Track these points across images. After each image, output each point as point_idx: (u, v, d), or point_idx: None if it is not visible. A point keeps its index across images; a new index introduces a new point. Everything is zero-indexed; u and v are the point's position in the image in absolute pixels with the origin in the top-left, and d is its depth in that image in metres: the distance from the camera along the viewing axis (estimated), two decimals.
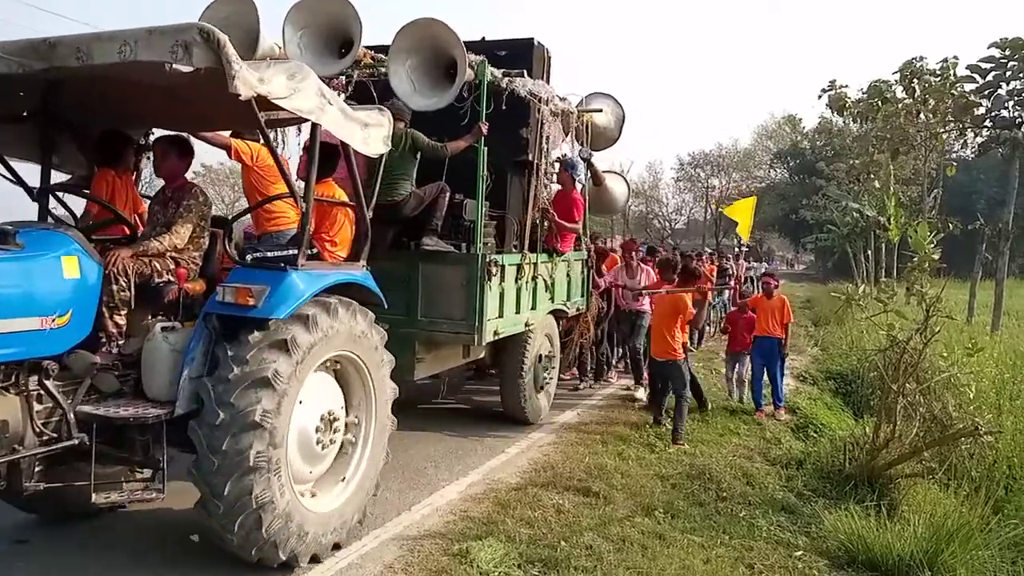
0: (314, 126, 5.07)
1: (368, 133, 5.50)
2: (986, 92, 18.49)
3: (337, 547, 5.28)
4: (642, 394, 11.01)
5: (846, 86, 24.43)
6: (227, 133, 6.72)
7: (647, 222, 71.00)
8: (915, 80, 21.84)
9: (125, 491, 4.55)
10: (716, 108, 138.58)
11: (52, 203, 5.69)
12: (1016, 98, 17.93)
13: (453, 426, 9.02)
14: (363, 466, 5.60)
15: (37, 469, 4.33)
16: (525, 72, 8.23)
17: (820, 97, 24.63)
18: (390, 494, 6.53)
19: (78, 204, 5.96)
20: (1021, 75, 17.64)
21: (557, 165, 9.65)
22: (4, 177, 5.53)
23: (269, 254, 5.31)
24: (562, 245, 9.60)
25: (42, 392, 4.33)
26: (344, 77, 8.20)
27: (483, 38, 8.69)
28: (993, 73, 17.91)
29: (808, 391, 12.49)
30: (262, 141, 5.59)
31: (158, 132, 6.24)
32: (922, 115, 22.29)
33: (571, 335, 10.86)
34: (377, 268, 7.32)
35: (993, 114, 18.62)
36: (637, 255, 11.65)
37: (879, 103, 23.23)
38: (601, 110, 10.64)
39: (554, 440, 8.70)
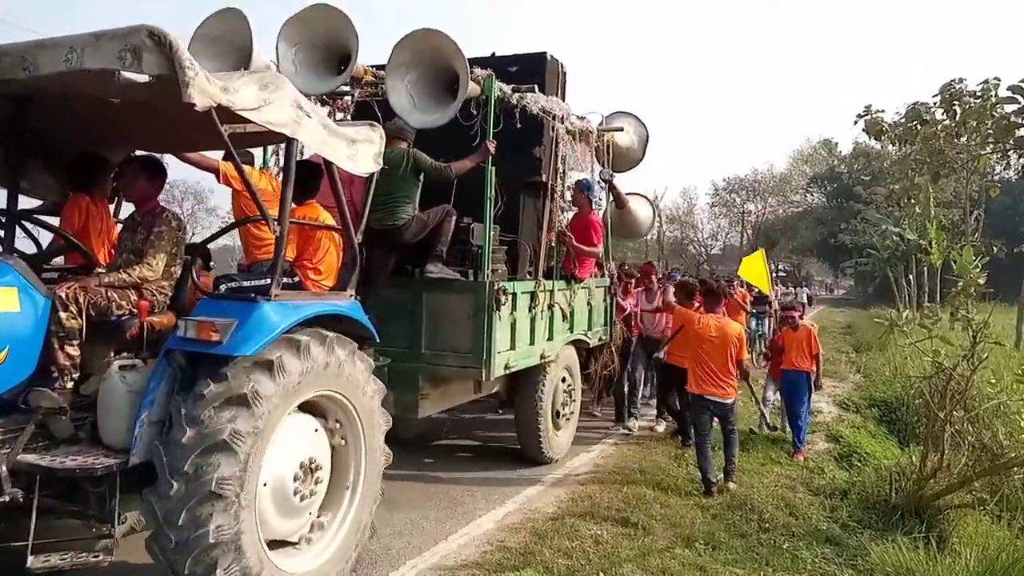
0: (290, 141, 4.62)
1: (356, 150, 5.05)
2: None
3: None
4: (663, 428, 10.47)
5: (882, 111, 23.99)
6: (220, 155, 6.30)
7: (682, 248, 70.34)
8: (955, 102, 21.29)
9: (68, 554, 4.03)
10: (751, 133, 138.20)
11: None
12: None
13: (488, 455, 8.94)
14: (352, 512, 5.13)
15: None
16: (536, 87, 7.76)
17: (856, 123, 24.24)
18: (427, 523, 6.55)
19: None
20: None
21: (572, 186, 9.06)
22: None
23: (245, 283, 4.85)
24: (580, 271, 9.00)
25: None
26: (348, 97, 7.83)
27: (493, 53, 8.23)
28: None
29: (851, 419, 12.18)
30: (236, 159, 4.83)
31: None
32: (963, 138, 21.73)
33: (594, 367, 10.26)
34: (378, 297, 6.92)
35: None
36: (656, 277, 11.10)
37: (918, 126, 22.73)
38: (622, 129, 10.12)
39: (591, 470, 8.51)
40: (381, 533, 6.17)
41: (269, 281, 4.60)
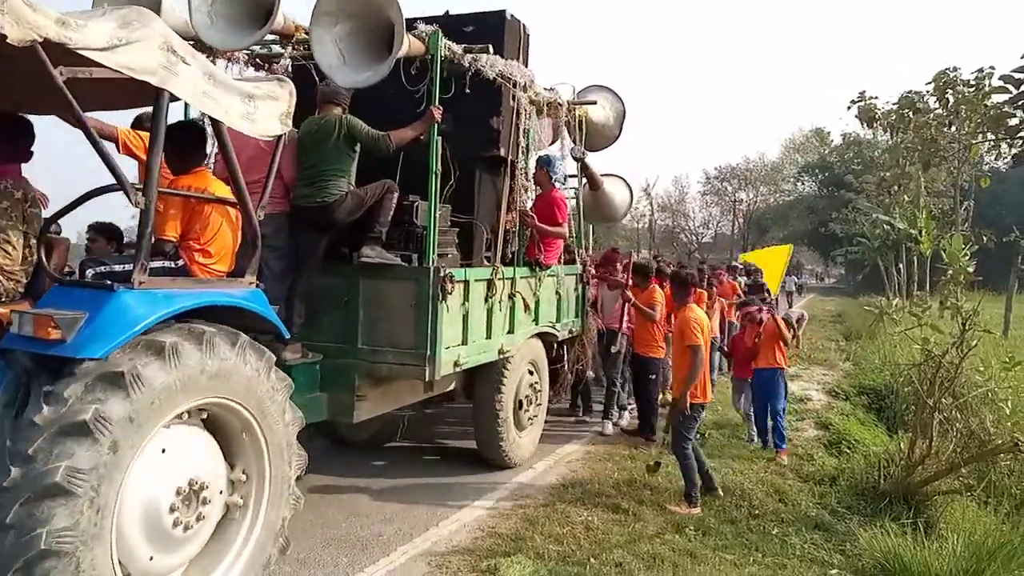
0: (159, 93, 3.76)
1: (255, 107, 4.24)
2: (1020, 103, 17.47)
3: None
4: (610, 429, 9.73)
5: (875, 97, 23.54)
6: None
7: (674, 236, 69.83)
8: (949, 90, 20.86)
9: None
10: (743, 121, 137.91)
11: None
12: None
13: None
14: (255, 534, 4.40)
15: None
16: (492, 49, 6.85)
17: (849, 108, 23.79)
18: (418, 510, 6.56)
19: None
20: None
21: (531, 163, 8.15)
22: None
23: (116, 268, 4.06)
24: (546, 256, 8.14)
25: None
26: (288, 60, 7.11)
27: (447, 12, 7.35)
28: None
29: (840, 406, 12.18)
30: (78, 111, 3.68)
31: None
32: (954, 126, 21.34)
33: (563, 362, 9.33)
34: (309, 285, 6.12)
35: None
36: (622, 265, 10.36)
37: (910, 114, 22.34)
38: (596, 103, 9.31)
39: (582, 456, 8.56)
40: (371, 520, 6.24)
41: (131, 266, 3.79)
